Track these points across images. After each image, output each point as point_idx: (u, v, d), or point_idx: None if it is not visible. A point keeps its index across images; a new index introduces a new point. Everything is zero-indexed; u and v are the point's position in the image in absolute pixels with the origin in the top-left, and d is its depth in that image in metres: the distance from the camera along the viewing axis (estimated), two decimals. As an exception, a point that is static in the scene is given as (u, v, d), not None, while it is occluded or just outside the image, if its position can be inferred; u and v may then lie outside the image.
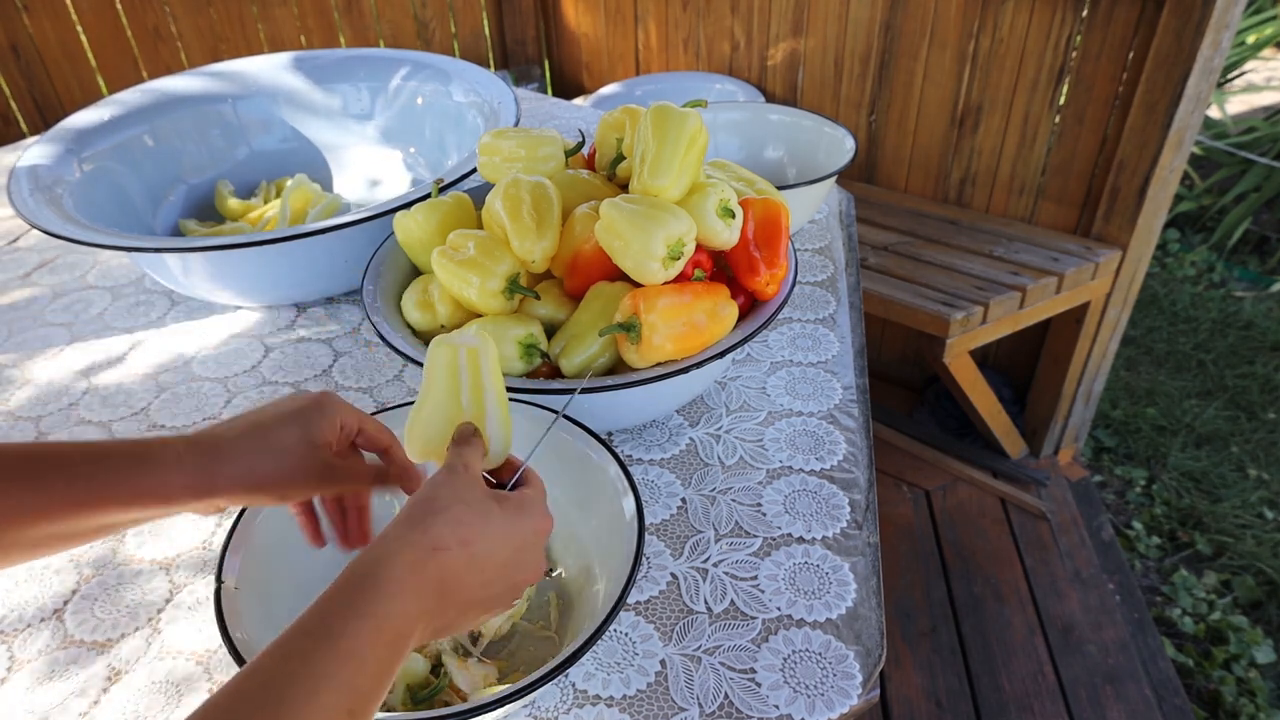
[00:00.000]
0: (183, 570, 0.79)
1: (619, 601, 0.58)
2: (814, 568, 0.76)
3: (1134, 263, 2.08)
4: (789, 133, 1.30)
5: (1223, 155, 3.32)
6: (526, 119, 1.66)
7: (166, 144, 1.32)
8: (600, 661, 0.69)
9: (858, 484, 0.85)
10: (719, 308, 0.78)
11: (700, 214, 0.78)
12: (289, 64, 1.42)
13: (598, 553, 0.71)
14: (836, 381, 0.97)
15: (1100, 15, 1.89)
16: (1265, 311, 3.00)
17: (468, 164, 1.04)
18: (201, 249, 0.96)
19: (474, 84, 1.33)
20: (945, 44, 2.15)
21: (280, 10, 2.62)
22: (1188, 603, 2.07)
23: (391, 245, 0.94)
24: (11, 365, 1.08)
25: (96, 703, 0.69)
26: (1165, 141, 1.87)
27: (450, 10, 2.97)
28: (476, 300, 0.82)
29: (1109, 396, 2.64)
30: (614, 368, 0.82)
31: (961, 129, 2.22)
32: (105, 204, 1.17)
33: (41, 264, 1.30)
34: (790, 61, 2.51)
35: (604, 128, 0.95)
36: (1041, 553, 2.12)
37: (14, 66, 2.26)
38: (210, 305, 1.17)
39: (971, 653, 1.90)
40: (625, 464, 0.69)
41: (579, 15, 2.99)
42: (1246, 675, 1.90)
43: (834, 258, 1.21)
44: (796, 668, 0.68)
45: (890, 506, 2.24)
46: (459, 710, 0.53)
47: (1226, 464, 2.42)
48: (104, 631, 0.74)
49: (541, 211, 0.83)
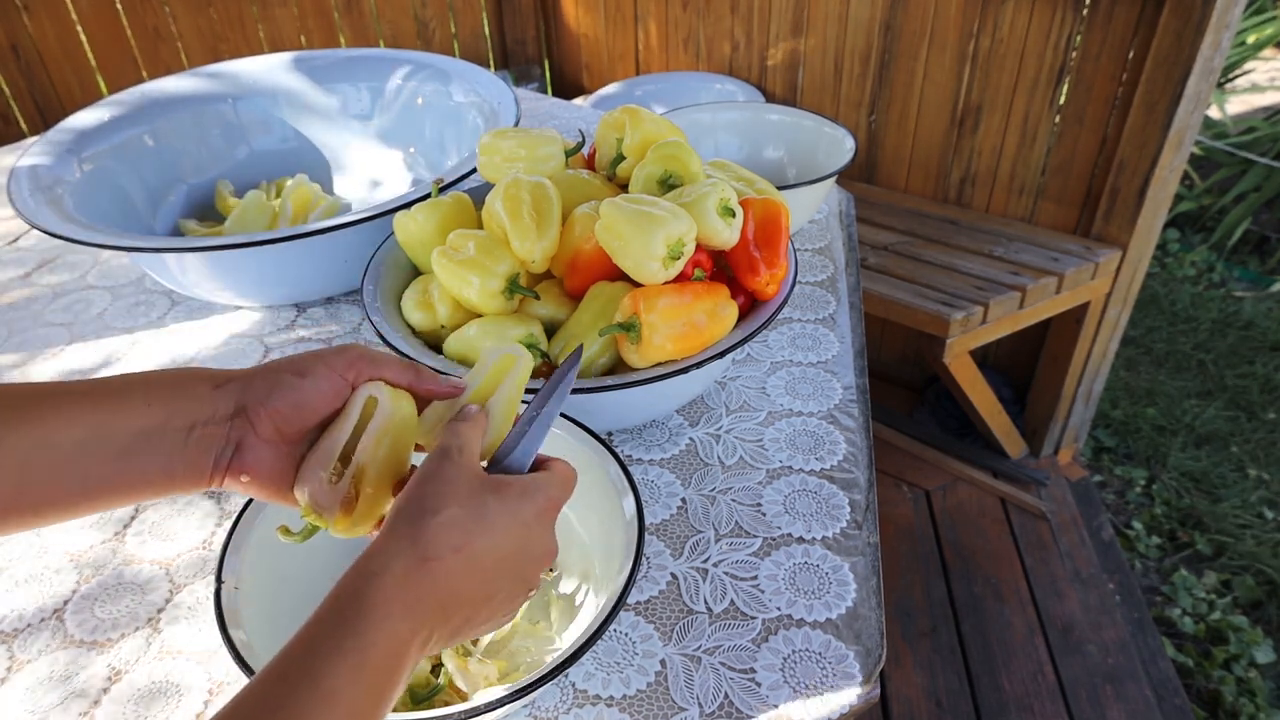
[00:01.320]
0: (183, 570, 0.79)
1: (619, 601, 0.58)
2: (814, 568, 0.76)
3: (1134, 263, 2.08)
4: (789, 133, 1.30)
5: (1223, 155, 3.32)
6: (526, 119, 1.66)
7: (166, 144, 1.32)
8: (600, 661, 0.69)
9: (858, 484, 0.85)
10: (719, 308, 0.78)
11: (700, 214, 0.78)
12: (289, 64, 1.42)
13: (598, 553, 0.72)
14: (836, 381, 0.97)
15: (1100, 15, 1.89)
16: (1265, 311, 3.00)
17: (468, 164, 1.04)
18: (201, 249, 0.96)
19: (474, 84, 1.33)
20: (945, 44, 2.15)
21: (280, 10, 2.62)
22: (1188, 603, 2.07)
23: (391, 245, 0.94)
24: (11, 365, 1.08)
25: (96, 703, 0.69)
26: (1165, 141, 1.87)
27: (450, 10, 2.97)
28: (476, 300, 0.82)
29: (1109, 396, 2.64)
30: (614, 368, 0.82)
31: (961, 129, 2.22)
32: (105, 204, 1.17)
33: (41, 264, 1.30)
34: (790, 61, 2.51)
35: (604, 128, 0.95)
36: (1041, 553, 2.12)
37: (14, 66, 2.26)
38: (210, 305, 1.17)
39: (971, 653, 1.90)
40: (625, 464, 0.69)
41: (579, 15, 3.00)
42: (1246, 675, 1.90)
43: (834, 258, 1.21)
44: (796, 668, 0.68)
45: (890, 506, 2.24)
46: (459, 710, 0.53)
47: (1226, 464, 2.42)
48: (104, 631, 0.74)
49: (541, 211, 0.83)
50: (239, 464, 0.53)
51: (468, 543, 0.47)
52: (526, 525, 0.51)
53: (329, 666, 0.41)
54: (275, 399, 0.53)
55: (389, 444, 0.55)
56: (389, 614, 0.43)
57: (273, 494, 0.55)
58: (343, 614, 0.43)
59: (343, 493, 0.54)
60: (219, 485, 0.54)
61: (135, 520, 0.85)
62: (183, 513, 0.85)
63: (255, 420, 0.53)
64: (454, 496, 0.48)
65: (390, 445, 0.55)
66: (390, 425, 0.55)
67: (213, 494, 0.87)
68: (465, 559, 0.47)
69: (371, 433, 0.55)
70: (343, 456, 0.55)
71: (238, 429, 0.53)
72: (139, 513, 0.86)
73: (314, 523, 0.55)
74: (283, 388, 0.53)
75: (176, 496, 0.74)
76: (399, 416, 0.56)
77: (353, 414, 0.55)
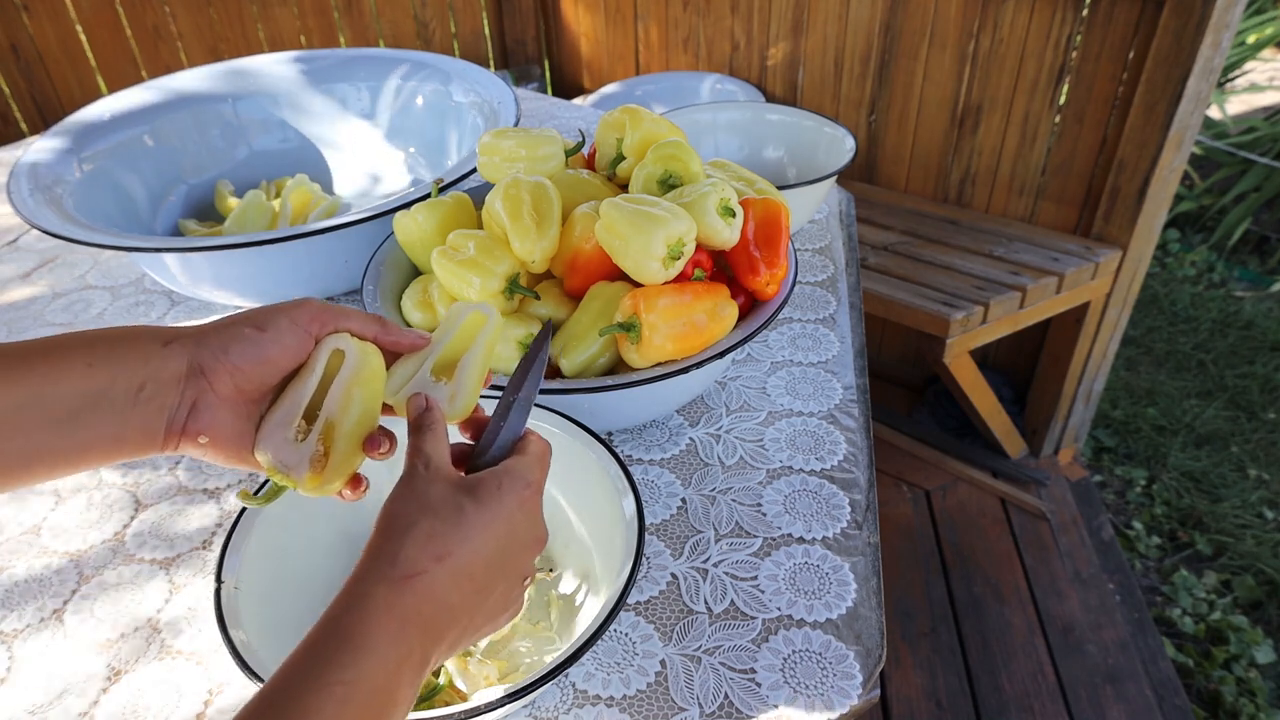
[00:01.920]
0: (183, 570, 0.79)
1: (619, 601, 0.58)
2: (814, 568, 0.76)
3: (1134, 263, 2.08)
4: (789, 133, 1.30)
5: (1223, 155, 3.32)
6: (526, 119, 1.66)
7: (166, 144, 1.32)
8: (600, 661, 0.69)
9: (858, 484, 0.85)
10: (719, 308, 0.78)
11: (700, 213, 0.78)
12: (289, 64, 1.42)
13: (598, 553, 0.72)
14: (836, 381, 0.97)
15: (1100, 15, 1.89)
16: (1265, 311, 3.00)
17: (468, 164, 1.04)
18: (201, 249, 0.96)
19: (474, 84, 1.33)
20: (945, 44, 2.15)
21: (280, 10, 2.62)
22: (1188, 603, 2.07)
23: (391, 245, 0.94)
24: (11, 365, 1.08)
25: (96, 703, 0.69)
26: (1165, 141, 1.87)
27: (450, 10, 2.97)
28: (476, 300, 0.82)
29: (1109, 396, 2.64)
30: (614, 368, 0.82)
31: (961, 129, 2.22)
32: (105, 204, 1.17)
33: (41, 264, 1.30)
34: (790, 61, 2.51)
35: (604, 128, 0.95)
36: (1041, 553, 2.12)
37: (14, 66, 2.26)
38: (210, 305, 1.17)
39: (971, 653, 1.90)
40: (625, 464, 0.69)
41: (579, 15, 3.00)
42: (1246, 675, 1.90)
43: (834, 258, 1.21)
44: (796, 668, 0.68)
45: (890, 506, 2.24)
46: (459, 710, 0.53)
47: (1226, 464, 2.42)
48: (104, 631, 0.74)
49: (541, 211, 0.83)
50: (195, 425, 0.50)
51: (449, 551, 0.46)
52: (509, 518, 0.49)
53: (316, 702, 0.39)
54: (234, 354, 0.50)
55: (360, 397, 0.53)
56: (373, 647, 0.42)
57: (232, 455, 0.52)
58: (325, 647, 0.42)
59: (310, 450, 0.52)
60: (174, 449, 0.51)
61: (135, 520, 0.85)
62: (183, 513, 0.86)
63: (212, 377, 0.50)
64: (427, 508, 0.47)
65: (361, 399, 0.53)
66: (360, 378, 0.53)
67: (211, 493, 0.87)
68: (450, 568, 0.46)
69: (340, 385, 0.52)
70: (307, 414, 0.53)
71: (193, 388, 0.50)
72: (139, 512, 0.86)
73: (280, 483, 0.52)
74: (242, 342, 0.51)
75: (135, 460, 0.69)
76: (368, 369, 0.53)
77: (317, 368, 0.53)
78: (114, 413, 0.48)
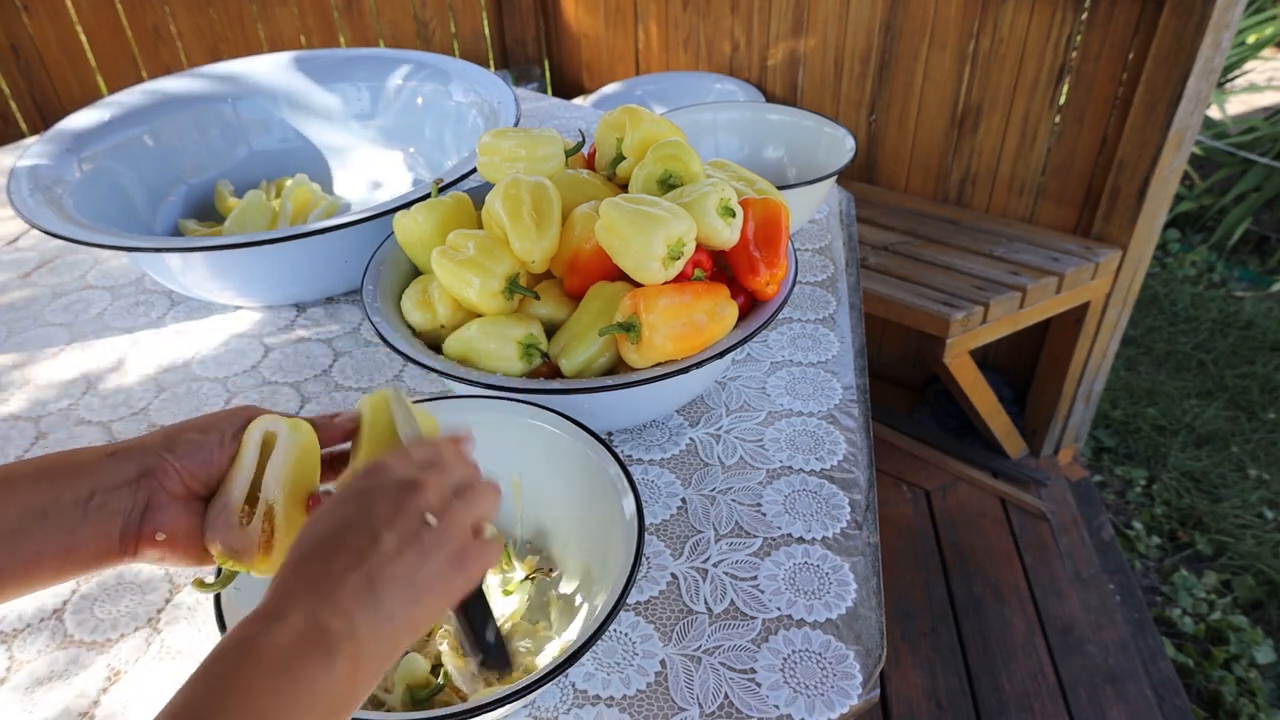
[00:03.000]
0: (183, 570, 0.79)
1: (619, 601, 0.58)
2: (814, 568, 0.76)
3: (1134, 263, 2.08)
4: (789, 133, 1.30)
5: (1223, 155, 3.32)
6: (526, 119, 1.66)
7: (166, 144, 1.32)
8: (600, 661, 0.69)
9: (858, 484, 0.85)
10: (719, 308, 0.78)
11: (700, 213, 0.78)
12: (289, 64, 1.42)
13: (598, 553, 0.71)
14: (836, 381, 0.97)
15: (1100, 15, 1.89)
16: (1265, 311, 3.00)
17: (468, 164, 1.04)
18: (201, 249, 0.96)
19: (474, 84, 1.33)
20: (945, 44, 2.15)
21: (280, 10, 2.62)
22: (1188, 603, 2.07)
23: (391, 245, 0.94)
24: (11, 365, 1.08)
25: (96, 703, 0.69)
26: (1165, 141, 1.87)
27: (450, 10, 2.97)
28: (476, 300, 0.82)
29: (1109, 396, 2.64)
30: (614, 368, 0.82)
31: (961, 129, 2.22)
32: (105, 204, 1.17)
33: (41, 264, 1.30)
34: (790, 61, 2.51)
35: (604, 128, 0.95)
36: (1041, 553, 2.12)
37: (14, 66, 2.26)
38: (210, 305, 1.17)
39: (971, 653, 1.90)
40: (625, 464, 0.69)
41: (579, 15, 3.00)
42: (1246, 675, 1.90)
43: (834, 258, 1.21)
44: (796, 668, 0.68)
45: (890, 506, 2.24)
46: (459, 710, 0.53)
47: (1226, 464, 2.42)
48: (104, 631, 0.74)
49: (541, 211, 0.83)
50: (150, 524, 0.52)
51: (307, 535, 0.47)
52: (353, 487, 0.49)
53: None
54: (180, 454, 0.53)
55: (294, 476, 0.55)
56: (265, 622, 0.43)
57: (191, 552, 0.54)
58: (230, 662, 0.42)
59: (256, 533, 0.54)
60: (133, 555, 0.52)
61: (135, 520, 0.85)
62: (183, 513, 0.85)
63: (162, 477, 0.52)
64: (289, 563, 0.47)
65: (295, 478, 0.55)
66: (292, 457, 0.55)
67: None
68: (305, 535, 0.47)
69: (274, 466, 0.55)
70: (250, 497, 0.55)
71: (145, 489, 0.52)
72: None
73: (233, 569, 0.54)
74: (186, 444, 0.53)
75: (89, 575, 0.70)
76: (299, 446, 0.56)
77: (250, 452, 0.55)
78: (63, 524, 0.49)
